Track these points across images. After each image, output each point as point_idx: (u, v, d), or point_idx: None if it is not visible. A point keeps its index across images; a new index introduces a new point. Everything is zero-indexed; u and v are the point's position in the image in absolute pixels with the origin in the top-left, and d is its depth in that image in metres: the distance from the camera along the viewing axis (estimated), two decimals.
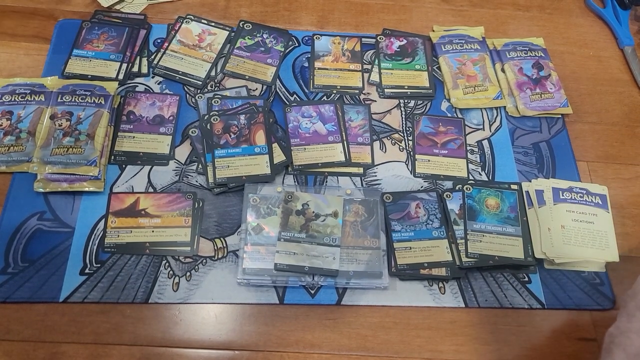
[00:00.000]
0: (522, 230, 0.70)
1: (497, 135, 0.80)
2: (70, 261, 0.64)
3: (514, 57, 0.86)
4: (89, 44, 0.81)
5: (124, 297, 0.63)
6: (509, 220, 0.70)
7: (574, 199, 0.73)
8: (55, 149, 0.69)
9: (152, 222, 0.67)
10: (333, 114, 0.78)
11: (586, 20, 0.96)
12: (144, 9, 0.87)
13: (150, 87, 0.79)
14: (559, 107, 0.82)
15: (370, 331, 0.63)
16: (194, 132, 0.75)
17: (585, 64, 0.90)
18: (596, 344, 0.65)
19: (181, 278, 0.64)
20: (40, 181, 0.68)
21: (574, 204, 0.72)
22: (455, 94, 0.82)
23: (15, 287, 0.62)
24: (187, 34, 0.84)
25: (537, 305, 0.66)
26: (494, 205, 0.71)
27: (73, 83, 0.76)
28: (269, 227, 0.67)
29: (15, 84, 0.76)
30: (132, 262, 0.65)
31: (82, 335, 0.61)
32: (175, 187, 0.71)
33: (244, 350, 0.61)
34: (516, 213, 0.71)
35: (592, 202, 0.73)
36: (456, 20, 0.93)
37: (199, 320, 0.63)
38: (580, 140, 0.81)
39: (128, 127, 0.74)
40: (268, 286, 0.64)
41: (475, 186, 0.73)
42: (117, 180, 0.71)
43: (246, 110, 0.76)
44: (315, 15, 0.91)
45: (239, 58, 0.83)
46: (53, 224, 0.66)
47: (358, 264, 0.66)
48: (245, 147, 0.73)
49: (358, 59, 0.85)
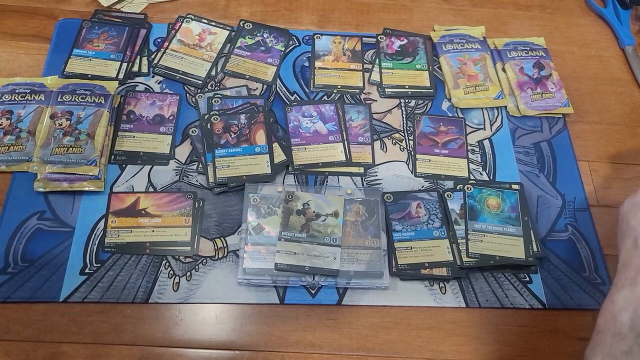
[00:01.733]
0: (523, 230, 0.69)
1: (498, 135, 0.80)
2: (70, 261, 0.64)
3: (514, 57, 0.86)
4: (89, 43, 0.81)
5: (124, 297, 0.62)
6: (510, 220, 0.70)
7: None
8: (56, 149, 0.69)
9: (152, 222, 0.67)
10: (334, 114, 0.78)
11: (587, 20, 0.96)
12: (144, 9, 0.87)
13: (151, 86, 0.79)
14: (559, 106, 0.82)
15: (371, 331, 0.63)
16: (194, 131, 0.74)
17: (586, 63, 0.90)
18: None
19: (181, 278, 0.64)
20: (41, 181, 0.68)
21: None
22: (456, 93, 0.82)
23: (15, 287, 0.62)
24: (188, 34, 0.84)
25: (538, 305, 0.66)
26: (495, 205, 0.71)
27: (73, 82, 0.76)
28: (270, 227, 0.67)
29: (16, 84, 0.75)
30: (132, 262, 0.65)
31: (82, 335, 0.60)
32: (176, 187, 0.71)
33: (244, 350, 0.61)
34: (517, 213, 0.71)
35: None
36: (457, 19, 0.93)
37: (199, 320, 0.62)
38: (581, 140, 0.81)
39: (128, 127, 0.74)
40: (268, 286, 0.64)
41: (476, 186, 0.73)
42: (117, 180, 0.70)
43: (246, 109, 0.76)
44: (316, 14, 0.90)
45: (239, 57, 0.83)
46: (53, 224, 0.66)
47: (359, 264, 0.66)
48: (246, 146, 0.73)
49: (359, 59, 0.85)
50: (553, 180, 0.76)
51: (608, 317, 0.50)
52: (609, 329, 0.50)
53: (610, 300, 0.51)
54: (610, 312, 0.50)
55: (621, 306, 0.50)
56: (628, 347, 0.50)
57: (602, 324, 0.51)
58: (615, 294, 0.51)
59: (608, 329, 0.50)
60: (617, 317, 0.50)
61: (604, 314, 0.51)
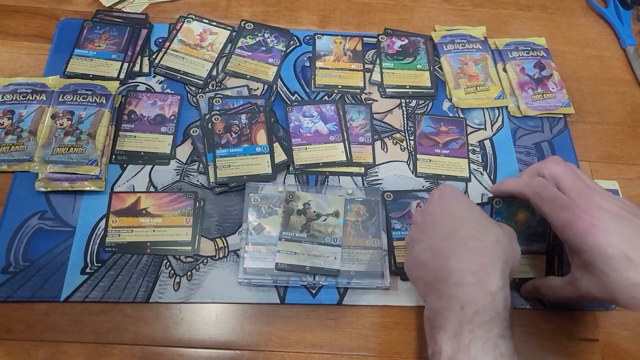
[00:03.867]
0: (547, 247, 0.67)
1: (498, 135, 0.80)
2: (71, 260, 0.64)
3: (515, 57, 0.86)
4: (90, 43, 0.81)
5: (125, 297, 0.62)
6: (536, 237, 0.67)
7: None
8: (57, 148, 0.69)
9: (153, 222, 0.67)
10: (334, 114, 0.78)
11: (588, 20, 0.96)
12: (145, 9, 0.87)
13: (152, 86, 0.79)
14: (560, 107, 0.82)
15: (372, 331, 0.63)
16: (195, 131, 0.75)
17: (587, 63, 0.90)
18: (599, 344, 0.65)
19: (182, 277, 0.64)
20: (42, 180, 0.68)
21: None
22: (456, 93, 0.82)
23: (16, 287, 0.62)
24: (189, 34, 0.84)
25: (539, 305, 0.66)
26: (523, 220, 0.67)
27: (74, 82, 0.76)
28: (270, 227, 0.67)
29: (17, 84, 0.76)
30: (133, 261, 0.65)
31: (83, 334, 0.60)
32: (177, 187, 0.71)
33: (244, 350, 0.61)
34: (544, 228, 0.67)
35: None
36: (458, 20, 0.93)
37: (199, 319, 0.62)
38: (582, 140, 0.81)
39: (129, 127, 0.74)
40: (269, 286, 0.64)
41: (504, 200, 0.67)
42: (118, 180, 0.70)
43: (247, 109, 0.76)
44: (317, 14, 0.90)
45: (240, 57, 0.83)
46: (54, 223, 0.66)
47: (359, 264, 0.66)
48: (247, 146, 0.73)
49: (359, 59, 0.85)
50: None
51: (488, 294, 0.48)
52: (489, 310, 0.48)
53: (486, 273, 0.49)
54: (490, 290, 0.49)
55: (497, 281, 0.49)
56: (503, 328, 0.48)
57: (482, 302, 0.48)
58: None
59: (488, 309, 0.48)
60: (497, 295, 0.49)
61: (481, 290, 0.49)
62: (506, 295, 0.50)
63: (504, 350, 0.47)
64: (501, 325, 0.48)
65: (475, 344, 0.47)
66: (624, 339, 0.65)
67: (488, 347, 0.47)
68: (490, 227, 0.54)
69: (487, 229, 0.54)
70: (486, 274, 0.49)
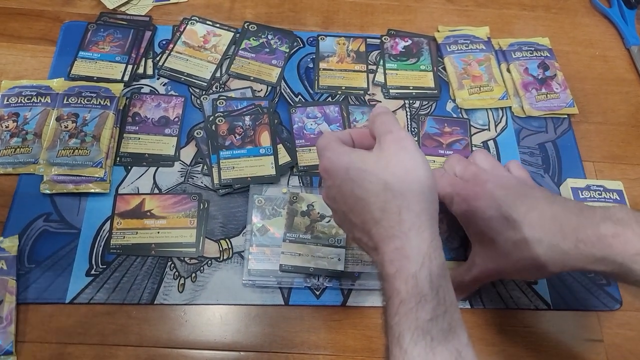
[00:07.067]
0: None
1: (502, 136, 0.80)
2: (77, 262, 0.64)
3: (519, 57, 0.86)
4: (94, 45, 0.81)
5: (130, 299, 0.63)
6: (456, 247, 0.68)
7: (594, 197, 0.72)
8: (62, 151, 0.70)
9: (157, 224, 0.67)
10: (338, 115, 0.78)
11: (592, 20, 0.96)
12: (149, 11, 0.87)
13: (156, 88, 0.79)
14: (564, 107, 0.82)
15: (376, 332, 0.63)
16: (199, 133, 0.75)
17: (591, 63, 0.90)
18: (603, 345, 0.64)
19: (187, 279, 0.65)
20: (47, 183, 0.68)
21: (594, 202, 0.71)
22: (460, 94, 0.82)
23: (22, 289, 0.62)
24: (192, 36, 0.84)
25: (543, 306, 0.66)
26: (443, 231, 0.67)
27: (79, 85, 0.76)
28: (274, 228, 0.67)
29: (22, 86, 0.76)
30: (137, 263, 0.65)
31: (88, 336, 0.61)
32: (181, 189, 0.71)
33: (249, 352, 0.61)
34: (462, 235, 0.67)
35: (611, 198, 0.72)
36: (461, 20, 0.93)
37: (204, 321, 0.63)
38: (586, 140, 0.81)
39: (133, 129, 0.75)
40: (273, 287, 0.65)
41: None
42: (123, 182, 0.71)
43: (251, 111, 0.76)
44: (320, 16, 0.91)
45: (243, 59, 0.83)
46: (59, 226, 0.67)
47: (363, 265, 0.66)
48: (250, 148, 0.73)
49: (363, 60, 0.85)
50: (558, 180, 0.76)
51: (409, 277, 0.44)
52: (413, 294, 0.44)
53: (404, 255, 0.44)
54: (411, 271, 0.44)
55: (416, 258, 0.44)
56: (432, 309, 0.43)
57: (405, 289, 0.44)
58: (405, 246, 0.44)
59: (412, 295, 0.44)
60: (418, 275, 0.44)
61: (401, 274, 0.44)
62: (431, 270, 0.44)
63: (435, 334, 0.43)
64: (429, 308, 0.43)
65: (404, 336, 0.43)
66: (629, 340, 0.65)
67: (417, 336, 0.43)
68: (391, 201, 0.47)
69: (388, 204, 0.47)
70: (404, 256, 0.44)
